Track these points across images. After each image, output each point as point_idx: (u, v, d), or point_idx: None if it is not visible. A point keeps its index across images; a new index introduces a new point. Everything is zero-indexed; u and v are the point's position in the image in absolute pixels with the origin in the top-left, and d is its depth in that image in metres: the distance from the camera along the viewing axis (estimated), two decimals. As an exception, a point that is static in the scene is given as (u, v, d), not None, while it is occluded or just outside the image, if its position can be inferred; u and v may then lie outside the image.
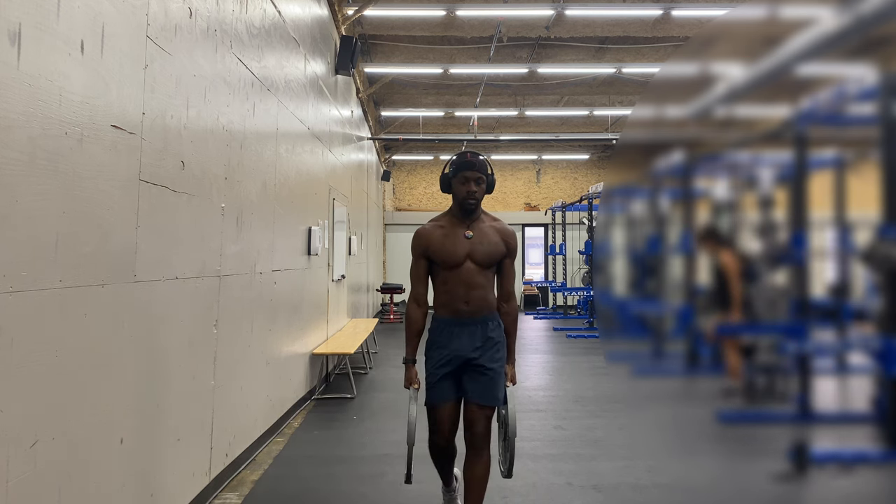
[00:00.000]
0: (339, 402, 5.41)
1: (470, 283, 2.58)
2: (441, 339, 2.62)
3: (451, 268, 2.59)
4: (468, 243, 2.60)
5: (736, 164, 3.81)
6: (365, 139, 10.20)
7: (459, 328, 2.60)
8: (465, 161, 2.60)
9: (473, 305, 2.58)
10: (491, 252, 2.61)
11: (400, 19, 8.01)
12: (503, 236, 2.66)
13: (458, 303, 2.59)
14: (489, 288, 2.64)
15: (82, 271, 1.99)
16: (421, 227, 2.69)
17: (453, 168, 2.62)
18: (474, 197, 2.60)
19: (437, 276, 2.67)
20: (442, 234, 2.62)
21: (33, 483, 1.76)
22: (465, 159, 2.59)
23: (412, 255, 2.69)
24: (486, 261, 2.60)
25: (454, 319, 2.61)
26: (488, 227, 2.65)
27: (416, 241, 2.68)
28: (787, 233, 2.90)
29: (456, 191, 2.62)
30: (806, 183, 3.12)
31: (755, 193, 4.09)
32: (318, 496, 3.29)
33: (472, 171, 2.58)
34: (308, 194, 5.40)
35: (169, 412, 2.66)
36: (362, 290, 10.19)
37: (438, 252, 2.61)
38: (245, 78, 3.61)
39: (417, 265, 2.69)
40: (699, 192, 3.06)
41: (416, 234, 2.69)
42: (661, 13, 7.54)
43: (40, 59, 1.77)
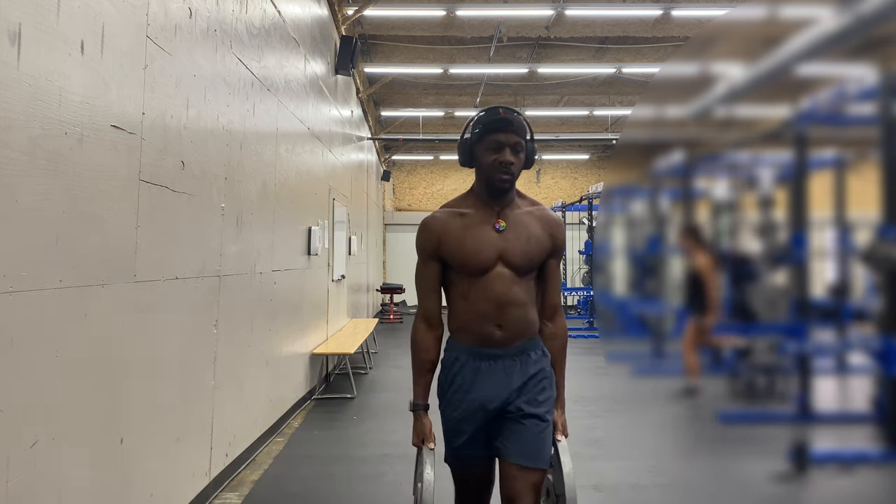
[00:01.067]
0: (339, 402, 5.41)
1: (504, 298, 1.78)
2: (462, 380, 1.83)
3: (476, 274, 1.78)
4: (499, 239, 1.79)
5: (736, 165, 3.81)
6: (365, 139, 10.20)
7: (489, 363, 1.80)
8: (498, 119, 1.78)
9: (510, 330, 1.79)
10: (532, 251, 1.81)
11: (400, 19, 8.00)
12: (548, 226, 1.86)
13: (486, 326, 1.78)
14: (530, 303, 1.84)
15: (82, 271, 1.99)
16: (430, 216, 1.87)
17: (480, 129, 1.81)
18: (509, 171, 1.78)
19: (455, 287, 1.85)
20: (461, 225, 1.82)
21: (33, 483, 1.76)
22: (498, 116, 1.79)
23: (418, 256, 1.88)
24: (526, 264, 1.80)
25: (481, 350, 1.81)
26: (526, 215, 1.85)
27: (423, 236, 1.85)
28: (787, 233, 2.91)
29: (483, 162, 1.81)
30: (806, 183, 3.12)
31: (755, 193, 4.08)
32: (318, 496, 3.29)
33: (508, 134, 1.78)
34: (308, 194, 5.40)
35: (169, 412, 2.65)
36: (362, 290, 10.19)
37: (457, 252, 1.80)
38: (245, 78, 3.61)
39: (426, 270, 1.87)
40: (699, 192, 3.07)
41: (423, 225, 1.86)
42: (661, 13, 7.54)
43: (40, 59, 1.77)
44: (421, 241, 1.86)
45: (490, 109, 1.84)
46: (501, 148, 1.78)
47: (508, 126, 1.78)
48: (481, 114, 1.85)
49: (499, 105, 1.85)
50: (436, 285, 1.87)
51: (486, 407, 1.80)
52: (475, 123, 1.85)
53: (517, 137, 1.79)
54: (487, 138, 1.80)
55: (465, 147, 1.88)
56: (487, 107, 1.85)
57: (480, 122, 1.83)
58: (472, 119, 1.87)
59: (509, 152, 1.78)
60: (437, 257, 1.85)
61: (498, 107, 1.84)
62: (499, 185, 1.80)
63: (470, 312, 1.81)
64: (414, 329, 1.92)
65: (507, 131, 1.78)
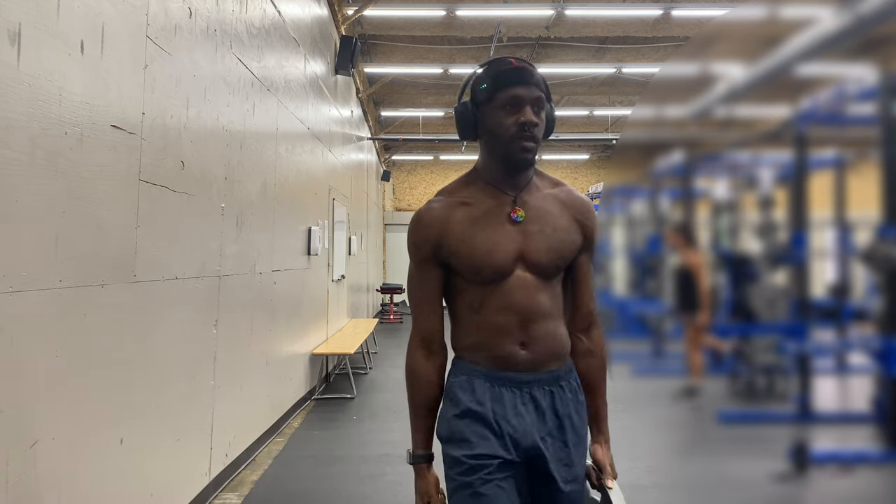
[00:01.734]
0: (339, 402, 5.41)
1: (527, 309, 1.36)
2: (478, 405, 1.38)
3: (491, 281, 1.36)
4: (518, 233, 1.37)
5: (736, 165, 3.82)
6: (365, 139, 10.20)
7: (513, 392, 1.38)
8: (513, 69, 1.34)
9: (537, 349, 1.37)
10: (560, 246, 1.38)
11: (400, 19, 8.00)
12: (577, 212, 1.43)
13: (507, 344, 1.36)
14: (559, 315, 1.42)
15: (82, 271, 1.98)
16: (425, 207, 1.43)
17: (490, 83, 1.36)
18: (534, 135, 1.34)
19: (461, 297, 1.42)
20: (467, 217, 1.38)
21: (33, 483, 1.76)
22: (511, 66, 1.35)
23: (411, 260, 1.45)
24: (553, 263, 1.38)
25: (501, 374, 1.38)
26: (549, 200, 1.42)
27: (417, 233, 1.42)
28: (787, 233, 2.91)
29: (495, 129, 1.36)
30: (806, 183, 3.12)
31: (755, 193, 4.09)
32: (318, 496, 3.29)
33: (529, 87, 1.34)
34: (308, 194, 5.40)
35: (169, 412, 2.65)
36: (362, 290, 10.19)
37: (464, 253, 1.36)
38: (245, 78, 3.61)
39: (422, 278, 1.43)
40: (699, 192, 3.07)
41: (416, 219, 1.43)
42: (661, 13, 7.54)
43: (40, 59, 1.77)
44: (414, 240, 1.41)
45: (497, 60, 1.38)
46: (521, 105, 1.32)
47: (528, 77, 1.33)
48: (486, 66, 1.39)
49: (506, 56, 1.40)
50: (436, 298, 1.42)
51: (517, 444, 1.35)
52: (480, 78, 1.38)
53: (539, 91, 1.34)
54: (501, 95, 1.33)
55: (466, 113, 1.39)
56: (491, 58, 1.41)
57: (488, 75, 1.36)
58: (474, 75, 1.40)
59: (530, 110, 1.32)
60: (438, 261, 1.40)
61: (506, 57, 1.38)
62: (520, 158, 1.34)
63: (484, 327, 1.37)
64: (409, 357, 1.45)
65: (528, 83, 1.32)
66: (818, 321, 2.94)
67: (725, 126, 2.44)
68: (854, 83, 1.80)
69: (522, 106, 1.34)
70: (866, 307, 2.37)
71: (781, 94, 2.02)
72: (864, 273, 2.06)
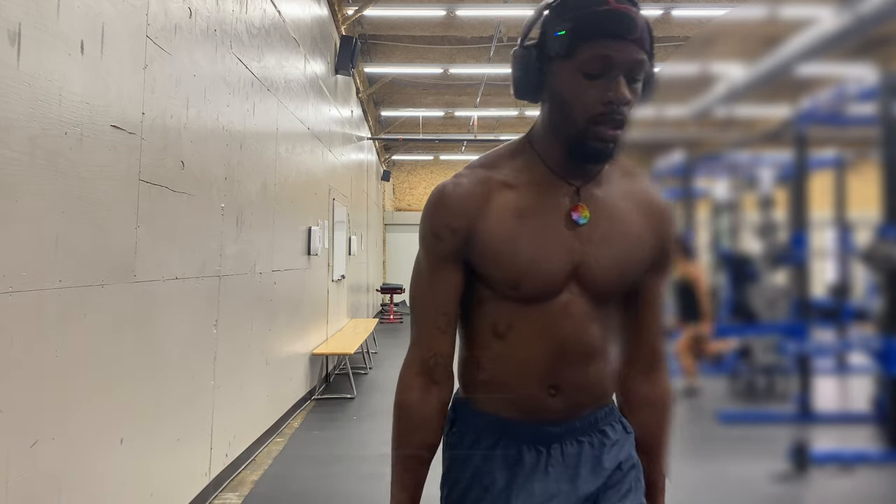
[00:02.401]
0: (338, 403, 5.41)
1: (571, 343, 0.99)
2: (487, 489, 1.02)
3: (529, 300, 0.98)
4: (576, 240, 0.99)
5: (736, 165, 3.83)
6: (365, 139, 10.20)
7: (537, 454, 1.02)
8: (607, 13, 0.89)
9: (572, 395, 1.01)
10: (629, 262, 1.01)
11: (400, 19, 8.00)
12: (653, 218, 1.05)
13: (534, 387, 1.00)
14: (608, 350, 1.04)
15: (82, 271, 1.99)
16: (453, 181, 1.03)
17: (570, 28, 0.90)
18: (620, 121, 0.92)
19: (483, 311, 1.03)
20: (510, 203, 0.99)
21: (33, 483, 1.76)
22: (607, 5, 0.89)
23: (424, 253, 1.04)
24: (615, 285, 1.01)
25: (523, 427, 1.02)
26: (622, 194, 1.04)
27: (438, 217, 1.01)
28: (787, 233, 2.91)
29: (569, 97, 0.93)
30: (806, 183, 3.12)
31: (755, 193, 4.09)
32: (318, 496, 3.29)
33: (627, 44, 0.89)
34: (308, 194, 5.40)
35: (169, 412, 2.66)
36: (362, 290, 10.19)
37: (501, 256, 0.98)
38: (245, 78, 3.61)
39: (437, 277, 1.02)
40: (699, 192, 3.07)
41: (438, 197, 1.02)
42: (661, 13, 7.54)
43: (40, 58, 1.77)
44: (433, 226, 1.00)
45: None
46: (612, 72, 0.88)
47: (630, 27, 0.88)
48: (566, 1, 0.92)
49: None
50: (450, 308, 1.02)
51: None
52: (556, 16, 0.92)
53: (641, 53, 0.89)
54: (585, 51, 0.88)
55: (527, 63, 0.94)
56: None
57: (570, 14, 0.90)
58: (548, 7, 0.95)
59: (625, 84, 0.89)
60: (462, 259, 0.99)
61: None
62: (598, 149, 0.91)
63: (507, 361, 1.00)
64: (402, 386, 1.05)
65: (627, 38, 0.88)
66: (818, 321, 2.95)
67: (725, 126, 2.44)
68: (854, 83, 1.80)
69: (615, 73, 0.88)
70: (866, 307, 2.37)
71: (781, 94, 2.02)
72: (864, 273, 2.06)
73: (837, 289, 6.35)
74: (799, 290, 4.82)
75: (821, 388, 5.50)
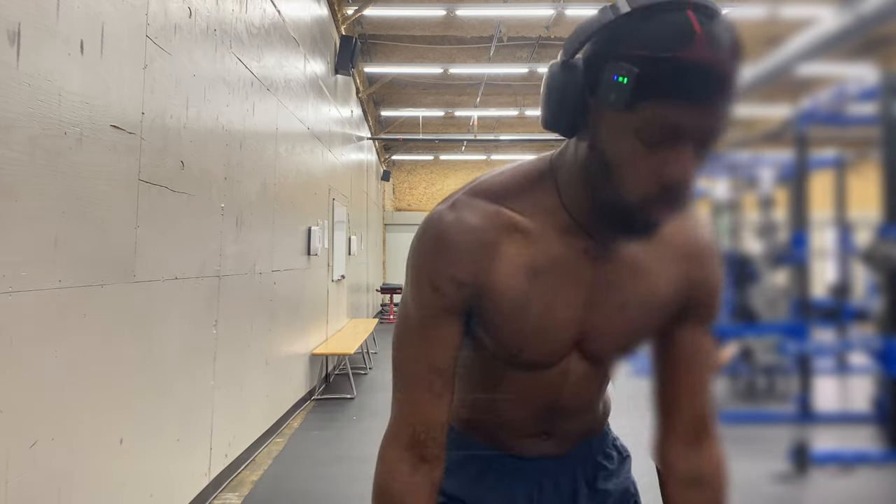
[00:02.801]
0: (338, 403, 5.41)
1: (565, 402, 0.91)
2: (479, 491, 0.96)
3: (532, 366, 0.86)
4: (585, 299, 0.82)
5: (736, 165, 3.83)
6: (365, 139, 10.20)
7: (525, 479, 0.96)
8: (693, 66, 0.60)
9: (565, 435, 0.96)
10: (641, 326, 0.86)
11: (400, 19, 8.00)
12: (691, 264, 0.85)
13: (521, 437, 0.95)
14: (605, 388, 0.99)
15: (82, 271, 1.98)
16: (455, 217, 0.79)
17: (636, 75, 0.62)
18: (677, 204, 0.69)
19: (474, 361, 0.90)
20: (524, 253, 0.79)
21: (33, 483, 1.76)
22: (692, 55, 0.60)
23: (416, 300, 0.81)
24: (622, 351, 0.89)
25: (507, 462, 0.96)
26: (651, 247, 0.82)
27: (440, 262, 0.79)
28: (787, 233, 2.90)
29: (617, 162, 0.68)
30: (806, 183, 3.12)
31: (755, 193, 4.10)
32: (318, 496, 3.29)
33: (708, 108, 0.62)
34: (308, 194, 5.40)
35: (168, 412, 2.65)
36: (362, 290, 10.19)
37: (511, 321, 0.81)
38: (245, 78, 3.61)
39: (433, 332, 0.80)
40: (699, 193, 3.06)
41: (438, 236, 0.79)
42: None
43: (40, 58, 1.77)
44: (432, 274, 0.80)
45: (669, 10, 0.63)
46: (680, 143, 0.65)
47: (715, 89, 0.63)
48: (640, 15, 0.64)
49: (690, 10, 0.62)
50: (449, 367, 0.82)
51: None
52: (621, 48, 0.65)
53: (724, 116, 0.65)
54: (648, 108, 0.64)
55: (570, 87, 0.70)
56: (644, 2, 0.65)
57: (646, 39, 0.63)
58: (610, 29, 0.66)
59: (693, 158, 0.67)
60: (464, 312, 0.82)
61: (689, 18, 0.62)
62: (642, 230, 0.73)
63: (495, 413, 0.94)
64: (384, 466, 0.86)
65: (715, 99, 0.63)
66: (818, 321, 2.95)
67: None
68: (854, 83, 1.80)
69: (683, 147, 0.65)
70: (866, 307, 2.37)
71: (781, 94, 2.02)
72: (864, 273, 2.06)
73: (837, 289, 6.35)
74: (799, 290, 4.82)
75: (821, 388, 5.50)
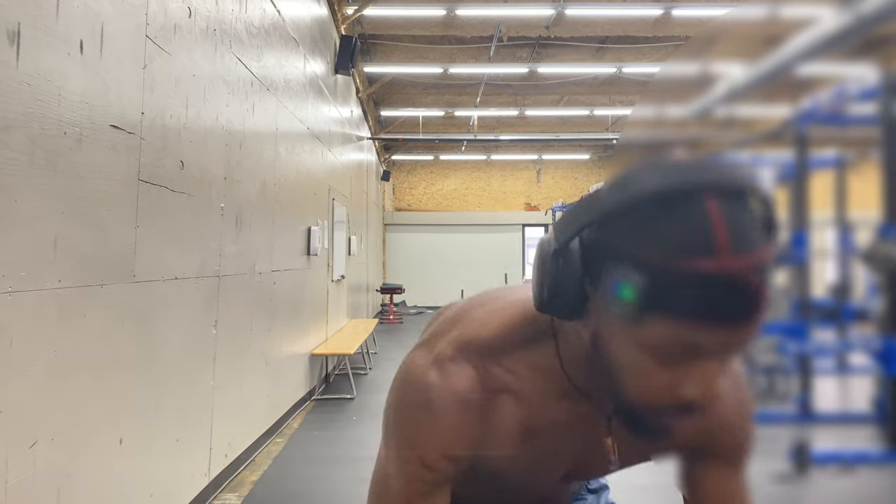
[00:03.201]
0: (338, 403, 5.41)
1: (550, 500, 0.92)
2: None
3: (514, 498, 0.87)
4: (584, 448, 0.77)
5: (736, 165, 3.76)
6: (365, 139, 10.19)
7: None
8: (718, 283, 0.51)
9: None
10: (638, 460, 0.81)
11: (400, 19, 8.00)
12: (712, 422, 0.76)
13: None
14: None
15: (81, 271, 1.98)
16: (443, 386, 0.72)
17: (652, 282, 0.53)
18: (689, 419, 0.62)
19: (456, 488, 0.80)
20: (516, 425, 0.74)
21: (33, 483, 1.76)
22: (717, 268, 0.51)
23: (401, 478, 0.77)
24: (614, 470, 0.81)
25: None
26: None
27: (426, 440, 0.73)
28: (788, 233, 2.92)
29: (626, 374, 0.60)
30: (806, 183, 3.13)
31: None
32: (318, 496, 3.29)
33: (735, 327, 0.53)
34: (308, 194, 5.40)
35: (168, 412, 2.65)
36: (362, 290, 10.19)
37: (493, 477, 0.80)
38: (244, 77, 3.61)
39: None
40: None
41: (426, 406, 0.73)
42: (662, 13, 7.53)
43: (39, 58, 1.77)
44: (421, 450, 0.74)
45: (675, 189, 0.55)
46: (699, 359, 0.57)
47: (744, 309, 0.53)
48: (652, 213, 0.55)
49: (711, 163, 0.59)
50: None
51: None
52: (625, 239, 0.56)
53: (754, 332, 0.55)
54: (661, 325, 0.55)
55: (567, 273, 0.61)
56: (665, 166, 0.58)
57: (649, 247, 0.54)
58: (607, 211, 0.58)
59: (715, 370, 0.58)
60: (450, 482, 0.76)
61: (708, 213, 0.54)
62: (655, 435, 0.64)
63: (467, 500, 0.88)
64: None
65: (736, 319, 0.53)
66: (819, 321, 2.95)
67: (725, 126, 2.44)
68: (854, 83, 1.80)
69: (704, 364, 0.58)
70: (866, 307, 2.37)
71: (781, 94, 2.02)
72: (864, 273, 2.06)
73: (837, 289, 6.35)
74: (799, 290, 4.82)
75: (821, 388, 5.51)
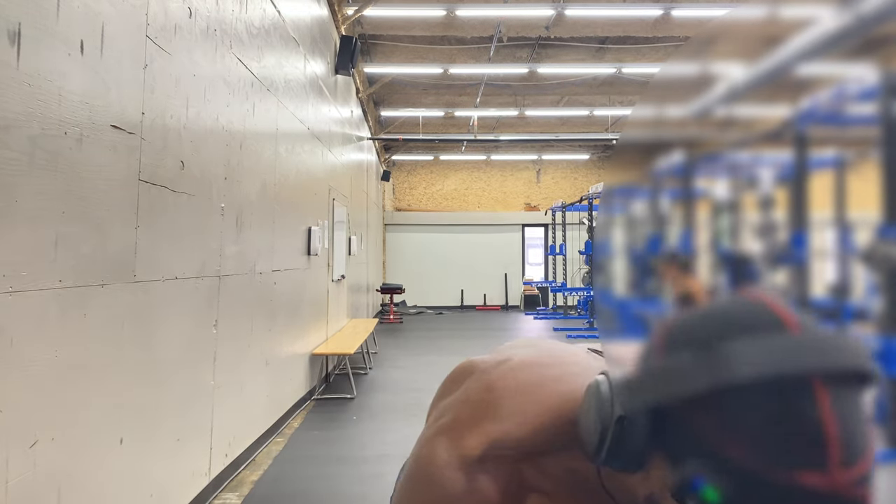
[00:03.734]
0: (338, 403, 5.41)
1: None
2: None
3: None
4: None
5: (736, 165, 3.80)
6: (365, 139, 10.19)
7: None
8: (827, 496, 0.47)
9: None
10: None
11: (400, 19, 8.00)
12: None
13: None
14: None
15: (82, 271, 1.98)
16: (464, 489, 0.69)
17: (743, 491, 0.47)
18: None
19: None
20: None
21: (33, 483, 1.76)
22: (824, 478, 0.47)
23: None
24: None
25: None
26: None
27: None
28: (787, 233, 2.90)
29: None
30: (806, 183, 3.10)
31: (755, 194, 4.08)
32: (318, 496, 3.29)
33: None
34: (308, 194, 5.40)
35: (168, 412, 2.65)
36: (362, 290, 10.18)
37: None
38: (245, 78, 3.61)
39: None
40: (699, 193, 3.05)
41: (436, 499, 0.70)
42: (662, 13, 7.54)
43: (40, 58, 1.77)
44: None
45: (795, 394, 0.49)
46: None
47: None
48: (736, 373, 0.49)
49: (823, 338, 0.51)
50: None
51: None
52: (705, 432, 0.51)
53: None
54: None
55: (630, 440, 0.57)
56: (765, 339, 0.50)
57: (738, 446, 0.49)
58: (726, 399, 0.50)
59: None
60: None
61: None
62: None
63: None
64: None
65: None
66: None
67: (725, 126, 2.44)
68: (854, 83, 1.80)
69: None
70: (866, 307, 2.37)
71: (781, 94, 2.02)
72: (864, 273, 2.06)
73: (837, 289, 6.40)
74: (799, 290, 4.83)
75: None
